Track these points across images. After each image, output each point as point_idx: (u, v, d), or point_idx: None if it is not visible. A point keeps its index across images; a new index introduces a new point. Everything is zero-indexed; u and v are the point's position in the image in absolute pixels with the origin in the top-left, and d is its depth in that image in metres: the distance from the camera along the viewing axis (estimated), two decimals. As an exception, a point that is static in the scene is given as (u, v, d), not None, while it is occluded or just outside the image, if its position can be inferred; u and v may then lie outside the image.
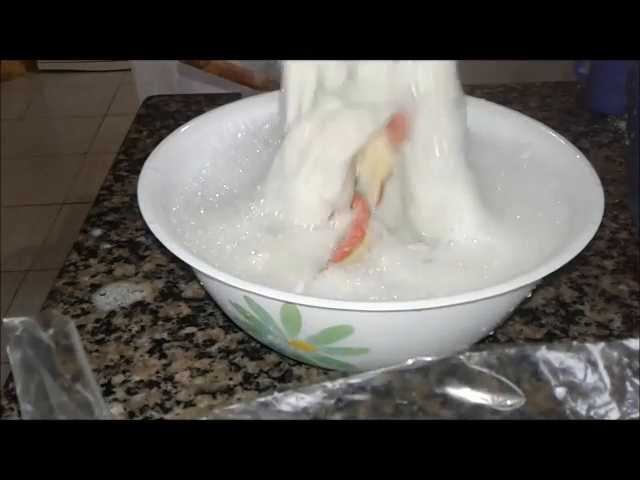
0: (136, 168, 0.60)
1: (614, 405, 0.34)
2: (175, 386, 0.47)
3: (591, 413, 0.35)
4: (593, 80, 0.80)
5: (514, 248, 0.47)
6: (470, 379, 0.35)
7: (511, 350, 0.35)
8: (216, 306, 0.52)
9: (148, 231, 0.44)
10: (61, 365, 0.36)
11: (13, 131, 2.51)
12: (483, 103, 0.58)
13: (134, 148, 0.76)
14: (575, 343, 0.35)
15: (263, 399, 0.34)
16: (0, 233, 1.95)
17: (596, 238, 0.44)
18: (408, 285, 0.45)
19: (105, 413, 0.36)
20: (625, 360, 0.35)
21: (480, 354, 0.35)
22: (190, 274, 0.56)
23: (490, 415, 0.34)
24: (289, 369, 0.48)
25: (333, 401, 0.34)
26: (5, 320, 0.37)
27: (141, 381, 0.47)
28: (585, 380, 0.35)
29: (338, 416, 0.34)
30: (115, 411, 0.45)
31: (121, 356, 0.49)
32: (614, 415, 0.34)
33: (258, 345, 0.50)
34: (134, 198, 0.49)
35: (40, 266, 1.86)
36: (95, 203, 0.67)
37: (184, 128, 0.56)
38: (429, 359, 0.35)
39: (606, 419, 0.34)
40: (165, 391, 0.47)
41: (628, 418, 0.34)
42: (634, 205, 0.61)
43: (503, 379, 0.35)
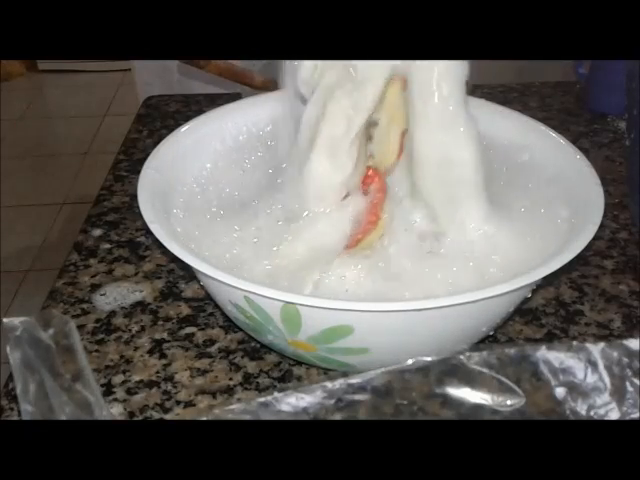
0: (136, 168, 0.60)
1: (614, 405, 0.34)
2: (175, 386, 0.47)
3: (591, 413, 0.35)
4: (593, 80, 0.80)
5: (514, 247, 0.47)
6: (470, 379, 0.35)
7: (511, 350, 0.35)
8: (216, 306, 0.52)
9: (148, 231, 0.44)
10: (61, 365, 0.36)
11: (13, 131, 2.51)
12: (483, 103, 0.58)
13: (134, 148, 0.76)
14: (575, 343, 0.35)
15: (263, 399, 0.34)
16: (0, 233, 1.95)
17: (596, 238, 0.44)
18: (409, 276, 0.45)
19: (105, 413, 0.36)
20: (625, 360, 0.35)
21: (480, 354, 0.35)
22: (190, 274, 0.56)
23: (490, 415, 0.34)
24: (289, 369, 0.48)
25: (333, 401, 0.34)
26: (5, 320, 0.37)
27: (141, 381, 0.47)
28: (585, 380, 0.35)
29: (338, 416, 0.34)
30: (115, 411, 0.45)
31: (121, 356, 0.49)
32: (614, 415, 0.34)
33: (258, 345, 0.50)
34: (134, 198, 0.49)
35: (40, 266, 1.86)
36: (95, 203, 0.67)
37: (184, 128, 0.56)
38: (429, 359, 0.35)
39: (606, 419, 0.34)
40: (165, 391, 0.47)
41: (628, 418, 0.34)
42: (634, 205, 0.61)
43: (503, 379, 0.35)
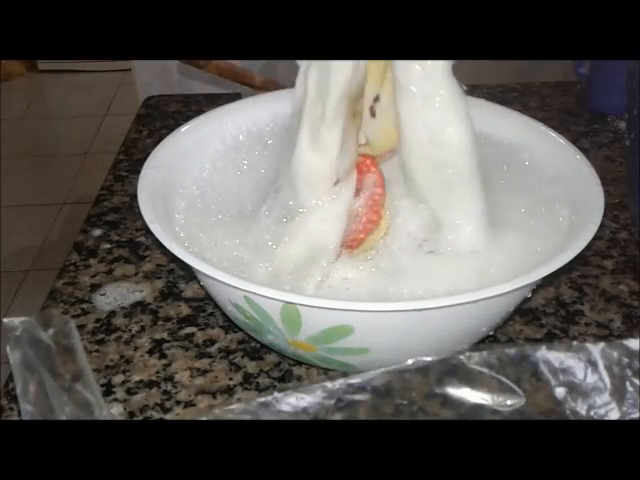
0: (136, 168, 0.60)
1: (614, 405, 0.34)
2: (175, 386, 0.47)
3: (591, 413, 0.35)
4: (593, 80, 0.80)
5: (515, 247, 0.47)
6: (470, 379, 0.35)
7: (511, 350, 0.35)
8: (216, 306, 0.52)
9: (148, 231, 0.44)
10: (61, 365, 0.36)
11: (13, 131, 2.51)
12: (483, 103, 0.58)
13: (134, 148, 0.76)
14: (575, 343, 0.35)
15: (263, 399, 0.34)
16: (0, 233, 1.95)
17: (596, 238, 0.44)
18: (409, 276, 0.45)
19: (105, 413, 0.36)
20: (625, 360, 0.35)
21: (480, 354, 0.35)
22: (190, 274, 0.56)
23: (490, 415, 0.34)
24: (289, 369, 0.48)
25: (333, 401, 0.34)
26: (5, 320, 0.37)
27: (141, 381, 0.47)
28: (585, 380, 0.35)
29: (338, 416, 0.34)
30: (115, 411, 0.45)
31: (121, 356, 0.49)
32: (614, 415, 0.34)
33: (258, 345, 0.50)
34: (134, 198, 0.49)
35: (40, 266, 1.86)
36: (95, 203, 0.67)
37: (184, 128, 0.56)
38: (429, 359, 0.35)
39: (606, 419, 0.34)
40: (165, 391, 0.47)
41: (628, 418, 0.34)
42: (634, 205, 0.61)
43: (503, 379, 0.35)
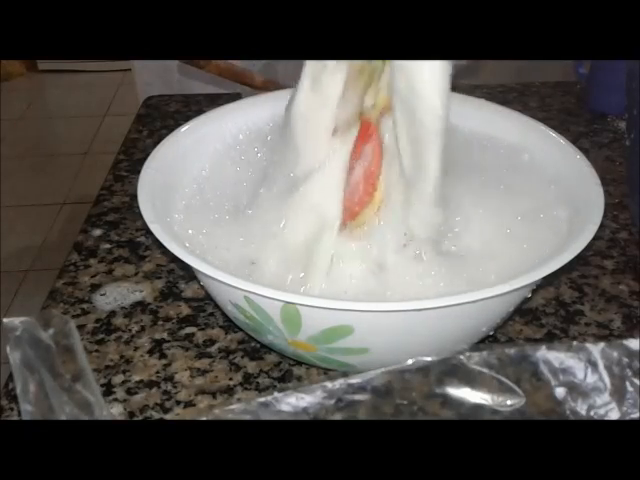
0: (136, 168, 0.60)
1: (614, 405, 0.34)
2: (175, 386, 0.47)
3: (591, 413, 0.35)
4: (593, 80, 0.80)
5: (515, 247, 0.47)
6: (470, 379, 0.35)
7: (511, 350, 0.35)
8: (216, 306, 0.52)
9: (148, 231, 0.44)
10: (61, 365, 0.36)
11: (13, 131, 2.51)
12: (483, 103, 0.58)
13: (134, 148, 0.76)
14: (575, 343, 0.35)
15: (263, 399, 0.34)
16: (0, 233, 1.95)
17: (596, 238, 0.44)
18: (409, 275, 0.45)
19: (105, 413, 0.36)
20: (625, 360, 0.35)
21: (480, 354, 0.35)
22: (190, 274, 0.56)
23: (490, 415, 0.34)
24: (289, 369, 0.48)
25: (333, 401, 0.34)
26: (5, 320, 0.37)
27: (141, 381, 0.47)
28: (585, 380, 0.35)
29: (338, 416, 0.34)
30: (115, 411, 0.45)
31: (121, 356, 0.49)
32: (614, 415, 0.34)
33: (258, 345, 0.50)
34: (134, 198, 0.49)
35: (40, 266, 1.86)
36: (95, 203, 0.67)
37: (184, 128, 0.56)
38: (429, 359, 0.35)
39: (606, 419, 0.34)
40: (165, 391, 0.47)
41: (628, 418, 0.34)
42: (634, 205, 0.61)
43: (503, 379, 0.35)
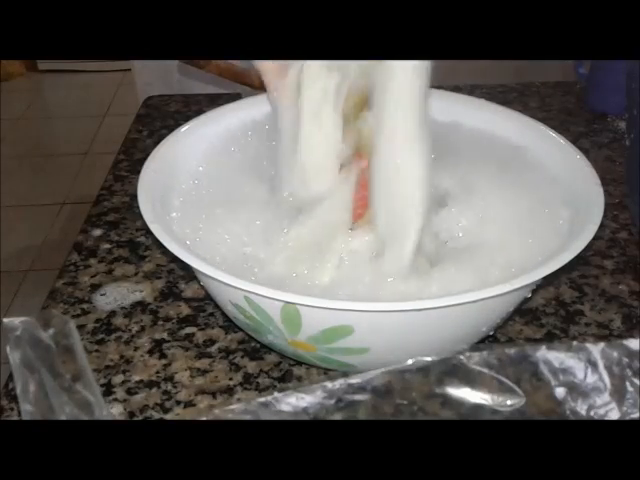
0: (136, 168, 0.60)
1: (614, 405, 0.34)
2: (175, 386, 0.47)
3: (591, 413, 0.35)
4: (593, 80, 0.80)
5: (515, 247, 0.47)
6: (470, 379, 0.35)
7: (511, 350, 0.35)
8: (216, 306, 0.52)
9: (148, 231, 0.44)
10: (61, 365, 0.36)
11: (13, 131, 2.51)
12: (483, 103, 0.58)
13: (134, 148, 0.76)
14: (575, 343, 0.35)
15: (263, 399, 0.34)
16: (0, 233, 1.95)
17: (596, 238, 0.44)
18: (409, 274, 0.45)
19: (105, 413, 0.36)
20: (625, 360, 0.35)
21: (480, 354, 0.35)
22: (190, 274, 0.56)
23: (490, 415, 0.34)
24: (289, 369, 0.48)
25: (333, 401, 0.34)
26: (5, 320, 0.37)
27: (141, 381, 0.47)
28: (585, 380, 0.35)
29: (338, 416, 0.34)
30: (115, 411, 0.45)
31: (121, 356, 0.49)
32: (614, 415, 0.34)
33: (258, 345, 0.50)
34: (134, 198, 0.49)
35: (40, 266, 1.86)
36: (95, 203, 0.67)
37: (184, 128, 0.56)
38: (429, 359, 0.35)
39: (606, 419, 0.34)
40: (165, 391, 0.47)
41: (628, 418, 0.34)
42: (634, 205, 0.61)
43: (503, 379, 0.35)
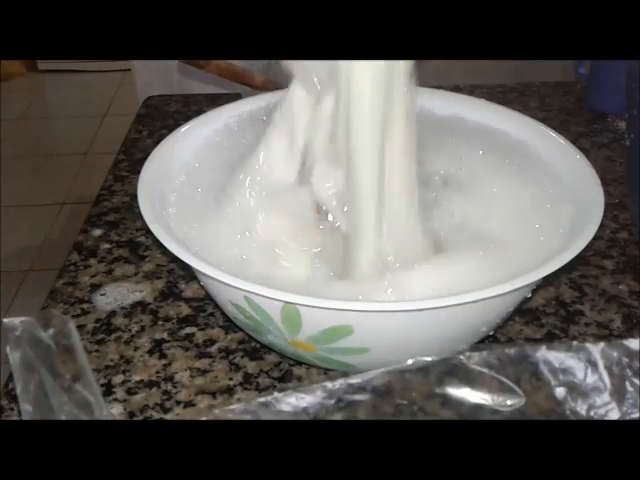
0: (136, 168, 0.60)
1: (614, 405, 0.34)
2: (175, 386, 0.47)
3: (591, 413, 0.35)
4: (593, 80, 0.80)
5: (514, 247, 0.47)
6: (470, 379, 0.35)
7: (511, 350, 0.35)
8: (216, 306, 0.52)
9: (148, 231, 0.44)
10: (61, 365, 0.36)
11: (13, 131, 2.51)
12: (483, 103, 0.58)
13: (134, 148, 0.76)
14: (575, 343, 0.35)
15: (263, 399, 0.34)
16: (0, 233, 1.95)
17: (596, 238, 0.44)
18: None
19: (105, 413, 0.36)
20: (625, 360, 0.35)
21: (480, 354, 0.35)
22: (190, 274, 0.56)
23: (490, 415, 0.34)
24: (289, 369, 0.48)
25: (333, 401, 0.34)
26: (5, 320, 0.37)
27: (141, 381, 0.47)
28: (585, 380, 0.35)
29: (338, 416, 0.34)
30: (115, 411, 0.45)
31: (121, 356, 0.49)
32: (614, 415, 0.34)
33: (258, 345, 0.50)
34: (134, 198, 0.49)
35: (40, 266, 1.86)
36: (95, 203, 0.67)
37: (184, 128, 0.56)
38: (429, 359, 0.35)
39: (606, 419, 0.34)
40: (165, 391, 0.47)
41: (628, 418, 0.34)
42: (634, 205, 0.61)
43: (503, 379, 0.35)
